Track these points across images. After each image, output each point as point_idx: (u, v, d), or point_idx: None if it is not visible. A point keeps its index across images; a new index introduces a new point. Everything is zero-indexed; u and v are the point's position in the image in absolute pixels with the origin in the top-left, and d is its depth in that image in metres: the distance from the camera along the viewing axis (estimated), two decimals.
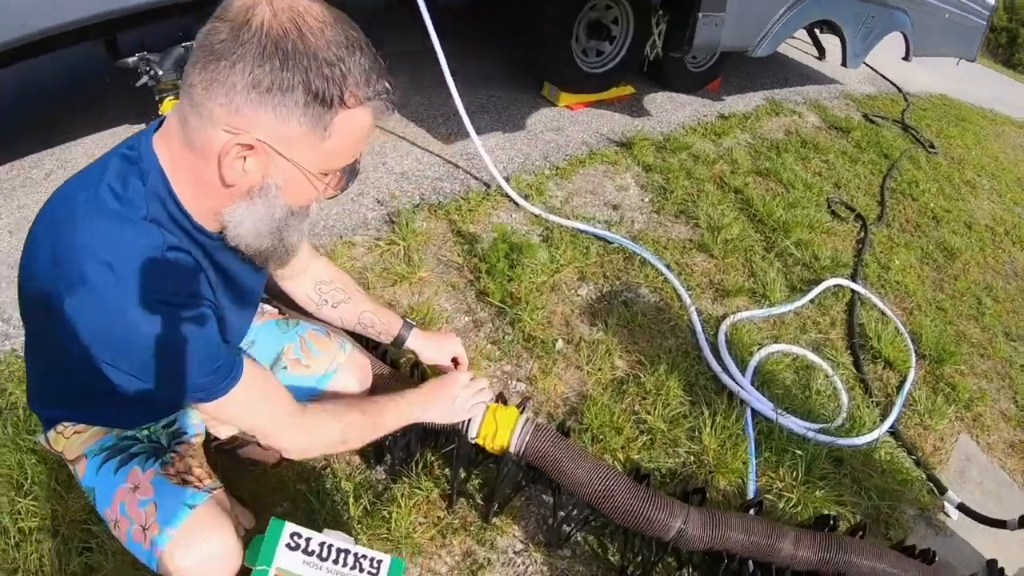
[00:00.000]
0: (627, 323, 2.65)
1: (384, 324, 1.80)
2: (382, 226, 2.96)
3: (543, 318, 2.57)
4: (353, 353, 1.73)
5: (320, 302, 1.75)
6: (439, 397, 1.63)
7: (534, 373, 2.38)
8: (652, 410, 2.34)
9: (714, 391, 2.50)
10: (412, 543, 1.83)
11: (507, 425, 1.80)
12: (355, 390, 1.71)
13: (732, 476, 2.23)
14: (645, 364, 2.49)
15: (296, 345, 1.68)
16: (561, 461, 1.81)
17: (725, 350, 2.64)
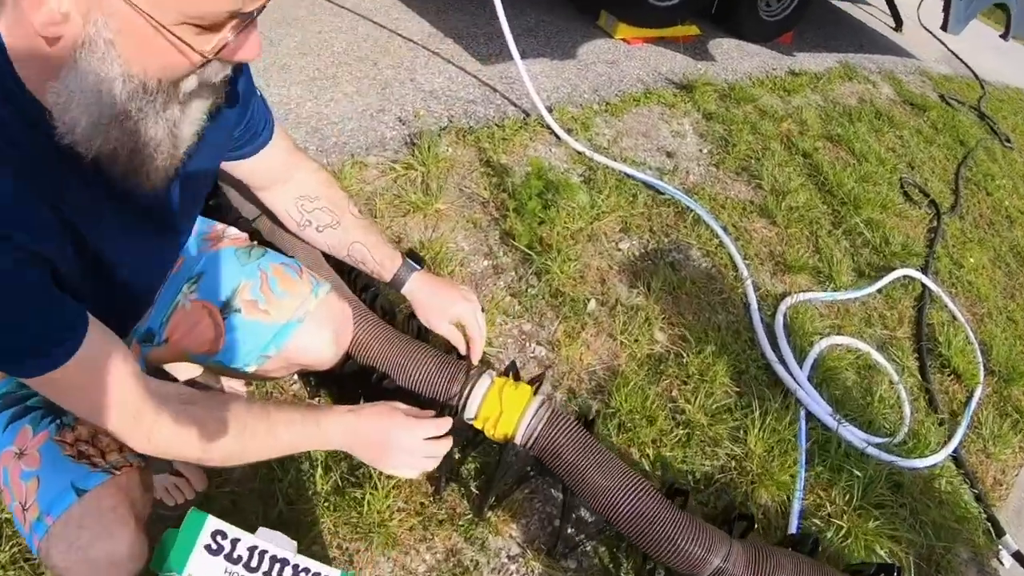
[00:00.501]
0: (672, 289, 2.17)
1: (378, 261, 1.33)
2: (401, 148, 2.47)
3: (575, 272, 2.10)
4: (329, 300, 1.25)
5: (302, 222, 1.29)
6: (369, 433, 1.14)
7: (558, 337, 1.92)
8: (693, 399, 1.89)
9: (765, 383, 2.04)
10: (386, 533, 1.41)
11: (515, 409, 1.34)
12: (323, 353, 1.25)
13: (776, 490, 1.80)
14: (690, 341, 2.02)
15: (255, 283, 1.21)
16: (580, 463, 1.36)
17: (783, 336, 2.17)
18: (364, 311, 1.47)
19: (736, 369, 1.98)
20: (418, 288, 1.36)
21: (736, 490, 1.76)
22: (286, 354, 1.21)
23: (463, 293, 1.39)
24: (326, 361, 1.26)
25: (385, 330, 1.44)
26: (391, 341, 1.42)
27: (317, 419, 1.10)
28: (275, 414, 1.04)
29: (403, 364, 1.39)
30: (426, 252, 2.05)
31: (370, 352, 1.42)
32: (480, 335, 1.40)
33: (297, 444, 1.07)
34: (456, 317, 1.38)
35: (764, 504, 1.78)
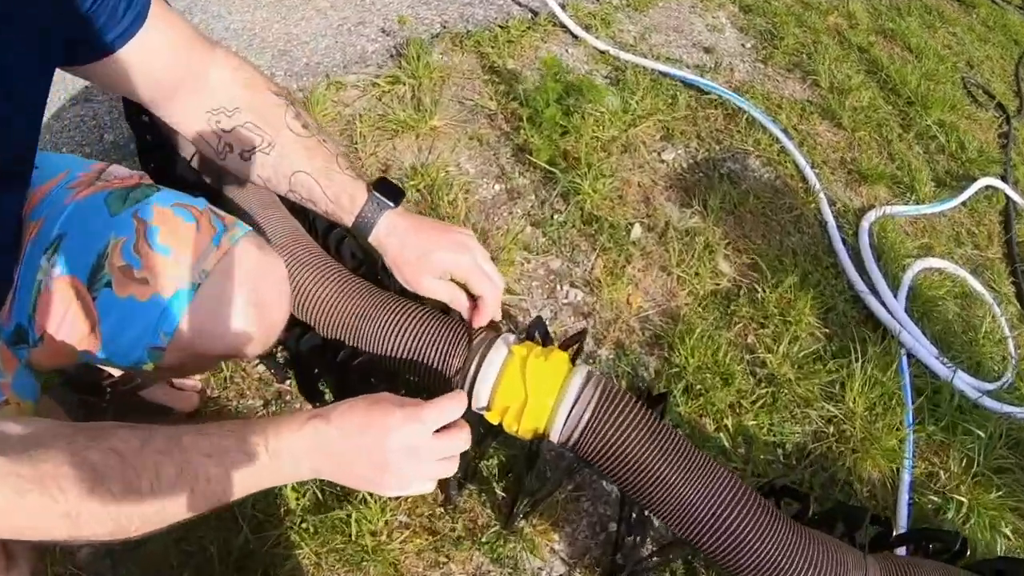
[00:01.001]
0: (734, 207, 1.66)
1: (332, 197, 0.85)
2: (385, 61, 1.94)
3: (612, 190, 1.60)
4: (241, 251, 0.78)
5: (220, 147, 0.85)
6: (351, 446, 0.70)
7: (596, 275, 1.44)
8: (775, 346, 1.43)
9: (856, 320, 1.58)
10: (385, 559, 0.97)
11: (547, 391, 0.86)
12: (236, 335, 0.77)
13: (882, 459, 1.35)
14: (763, 272, 1.52)
15: (128, 238, 0.74)
16: (651, 469, 0.90)
17: (871, 260, 1.69)
18: (323, 261, 0.99)
19: (822, 305, 1.51)
20: (390, 233, 0.87)
21: (836, 463, 1.31)
22: (183, 342, 0.74)
23: (456, 236, 0.89)
24: (247, 346, 0.78)
25: (352, 285, 0.97)
26: (358, 299, 0.95)
27: (262, 439, 0.64)
28: (192, 442, 0.61)
29: (376, 331, 0.92)
30: (420, 180, 1.56)
31: (334, 317, 0.95)
32: (491, 291, 0.89)
33: (235, 487, 0.63)
34: (444, 269, 0.88)
35: (869, 478, 1.34)
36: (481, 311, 0.91)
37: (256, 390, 1.17)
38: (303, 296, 0.95)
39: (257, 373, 1.18)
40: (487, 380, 0.88)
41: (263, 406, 1.14)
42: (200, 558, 0.96)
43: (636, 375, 1.27)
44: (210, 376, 1.16)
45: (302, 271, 0.96)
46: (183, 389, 1.13)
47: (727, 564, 0.90)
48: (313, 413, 0.69)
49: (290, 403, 1.14)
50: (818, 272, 1.58)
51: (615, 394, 0.91)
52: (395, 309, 0.93)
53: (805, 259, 1.60)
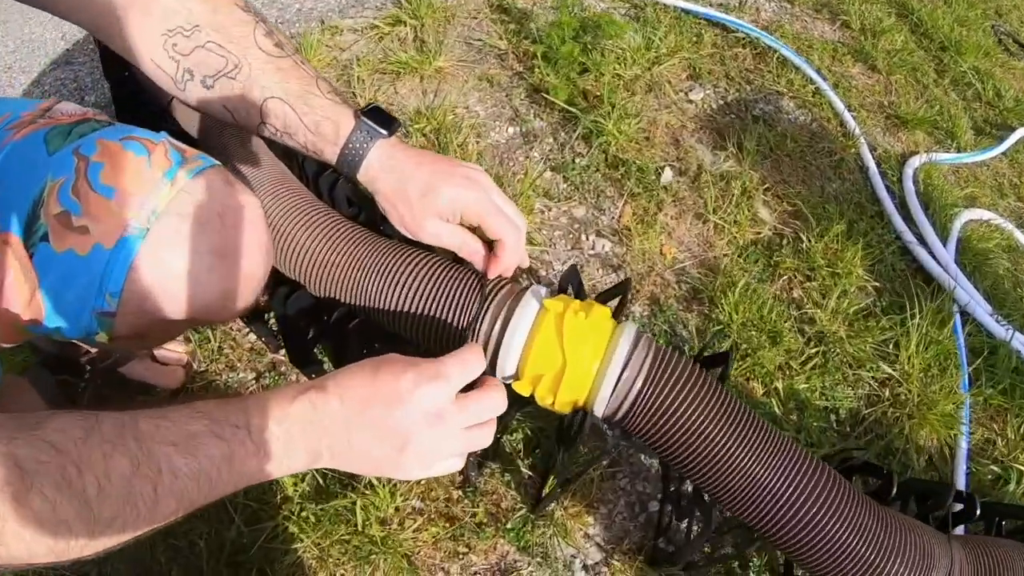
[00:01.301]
0: (770, 150, 1.47)
1: (311, 127, 0.66)
2: (384, 3, 1.73)
3: (638, 131, 1.41)
4: (207, 181, 0.60)
5: (179, 74, 0.66)
6: (357, 423, 0.53)
7: (625, 223, 1.25)
8: (823, 301, 1.27)
9: (905, 273, 1.41)
10: (398, 551, 0.81)
11: (591, 352, 0.68)
12: (196, 292, 0.59)
13: (939, 425, 1.20)
14: (806, 219, 1.34)
15: (67, 180, 0.56)
16: (719, 446, 0.75)
17: (919, 209, 1.52)
18: (312, 206, 0.81)
19: (870, 256, 1.34)
20: (384, 167, 0.68)
21: (892, 430, 1.16)
22: (133, 304, 0.57)
23: (464, 170, 0.70)
24: (215, 307, 0.61)
25: (346, 233, 0.79)
26: (353, 249, 0.76)
27: (242, 419, 0.48)
28: (152, 428, 0.45)
29: (375, 286, 0.74)
30: (426, 123, 1.37)
31: (326, 272, 0.77)
32: (513, 233, 0.70)
33: (211, 482, 0.47)
34: (453, 209, 0.69)
35: (926, 446, 1.19)
36: (500, 258, 0.72)
37: (248, 361, 1.00)
38: (289, 248, 0.76)
39: (248, 343, 1.01)
40: (515, 343, 0.70)
41: (255, 379, 0.97)
42: (189, 553, 0.80)
43: (674, 334, 1.10)
44: (197, 348, 0.99)
45: (287, 218, 0.77)
46: (167, 363, 0.95)
47: (800, 555, 0.75)
48: (307, 384, 0.53)
49: (286, 374, 0.97)
50: (863, 221, 1.41)
51: (670, 357, 0.74)
52: (399, 259, 0.75)
53: (847, 206, 1.42)
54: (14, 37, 1.57)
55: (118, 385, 0.93)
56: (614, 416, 0.73)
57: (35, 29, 1.58)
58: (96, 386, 0.91)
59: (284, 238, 0.77)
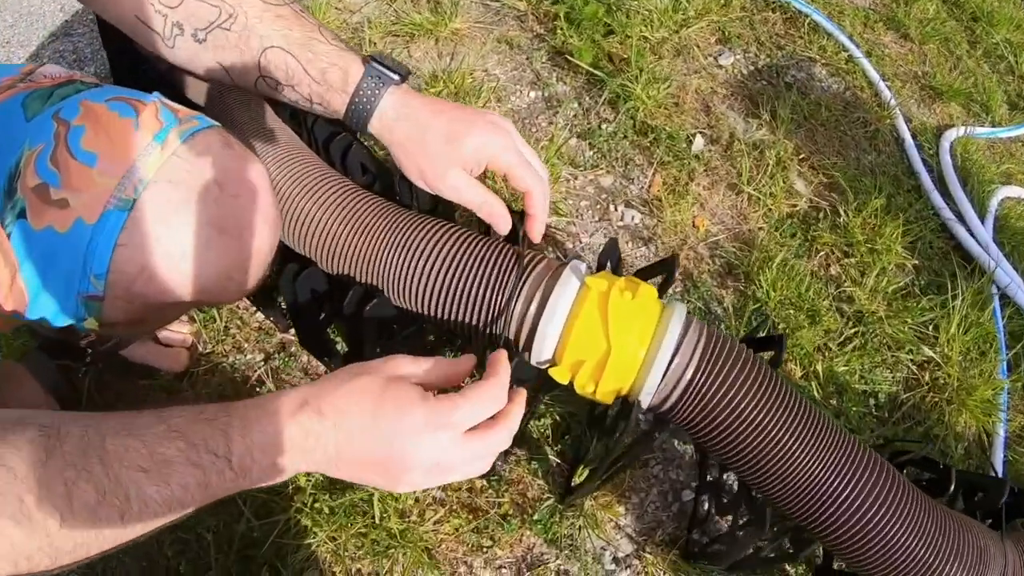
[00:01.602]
0: (804, 119, 1.37)
1: (316, 76, 0.56)
2: None
3: (667, 96, 1.30)
4: (202, 144, 0.50)
5: (167, 30, 0.57)
6: (358, 443, 0.45)
7: (655, 193, 1.15)
8: (861, 278, 1.18)
9: (943, 251, 1.32)
10: (418, 545, 0.74)
11: (638, 336, 0.59)
12: (194, 270, 0.50)
13: (978, 411, 1.12)
14: (844, 192, 1.24)
15: (46, 147, 0.48)
16: (772, 437, 0.65)
17: (957, 185, 1.43)
18: (323, 174, 0.71)
19: (909, 232, 1.25)
20: (400, 115, 0.59)
21: (930, 416, 1.08)
22: (121, 287, 0.48)
23: (487, 115, 0.62)
24: (215, 288, 0.52)
25: (361, 203, 0.70)
26: (369, 220, 0.67)
27: (222, 442, 0.42)
28: (120, 450, 0.39)
29: (393, 261, 0.65)
30: (443, 87, 1.26)
31: (338, 245, 0.68)
32: (540, 187, 0.62)
33: (186, 507, 0.41)
34: (478, 159, 0.61)
35: (964, 433, 1.11)
36: (533, 215, 0.63)
37: (256, 342, 0.91)
38: (299, 220, 0.67)
39: (256, 322, 0.92)
40: (553, 325, 0.62)
41: (264, 360, 0.89)
42: (197, 547, 0.73)
43: (708, 311, 1.01)
44: (201, 328, 0.90)
45: (296, 187, 0.68)
46: (170, 345, 0.87)
47: (854, 555, 0.67)
48: (300, 399, 0.44)
49: (296, 355, 0.89)
50: (901, 195, 1.31)
51: (723, 342, 0.65)
52: (421, 231, 0.65)
53: (883, 179, 1.33)
54: (12, 11, 1.47)
55: (120, 369, 0.85)
56: (660, 407, 0.65)
57: (33, 1, 1.48)
58: (97, 371, 0.83)
59: (293, 209, 0.67)
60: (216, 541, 0.71)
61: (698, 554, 0.81)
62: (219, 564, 0.71)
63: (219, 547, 0.71)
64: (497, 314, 0.64)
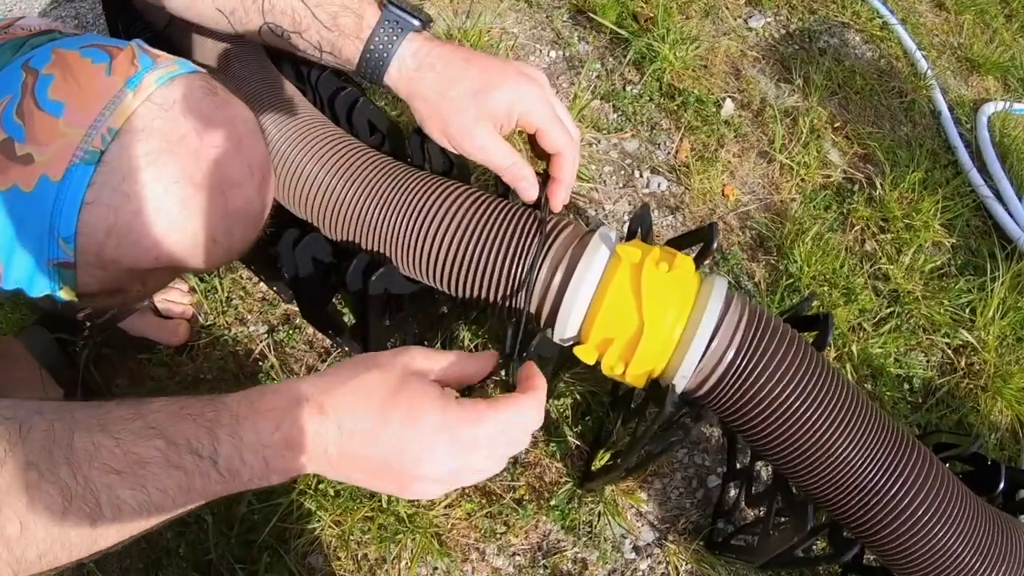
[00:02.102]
0: (839, 86, 1.27)
1: (327, 22, 0.46)
2: None
3: (695, 58, 1.20)
4: (180, 89, 0.42)
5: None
6: (364, 450, 0.37)
7: (683, 160, 1.05)
8: (897, 256, 1.10)
9: (979, 230, 1.24)
10: (428, 531, 0.67)
11: (674, 313, 0.50)
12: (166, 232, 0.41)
13: (1014, 400, 1.05)
14: (881, 163, 1.14)
15: (12, 99, 0.40)
16: (816, 428, 0.55)
17: (995, 161, 1.34)
18: (324, 130, 0.62)
19: (948, 209, 1.16)
20: (422, 64, 0.50)
21: (965, 403, 1.01)
22: (92, 252, 0.41)
23: (517, 64, 0.53)
24: (191, 253, 0.44)
25: (367, 162, 0.60)
26: (375, 180, 0.58)
27: (208, 442, 0.35)
28: (90, 449, 0.33)
29: (401, 227, 0.57)
30: None
31: (342, 209, 0.59)
32: (572, 146, 0.54)
33: (164, 513, 0.35)
34: (509, 113, 0.51)
35: (997, 422, 1.04)
36: (561, 179, 0.55)
37: (259, 313, 0.83)
38: (298, 181, 0.59)
39: (260, 292, 0.85)
40: (580, 298, 0.53)
41: (268, 332, 0.81)
42: (197, 530, 0.66)
43: (739, 286, 0.93)
44: (203, 298, 0.82)
45: (295, 145, 0.59)
46: (170, 317, 0.80)
47: (895, 556, 0.60)
48: (299, 394, 0.37)
49: (301, 328, 0.81)
50: (938, 170, 1.22)
51: (766, 322, 0.57)
52: (433, 193, 0.57)
53: (920, 153, 1.23)
54: None
55: (119, 343, 0.78)
56: (696, 391, 0.57)
57: None
58: (95, 344, 0.76)
59: (292, 169, 0.59)
60: (216, 523, 0.64)
61: (723, 545, 0.74)
62: (219, 548, 0.64)
63: (220, 531, 0.64)
64: (517, 286, 0.56)
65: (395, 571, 0.66)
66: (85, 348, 0.76)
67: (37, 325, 0.75)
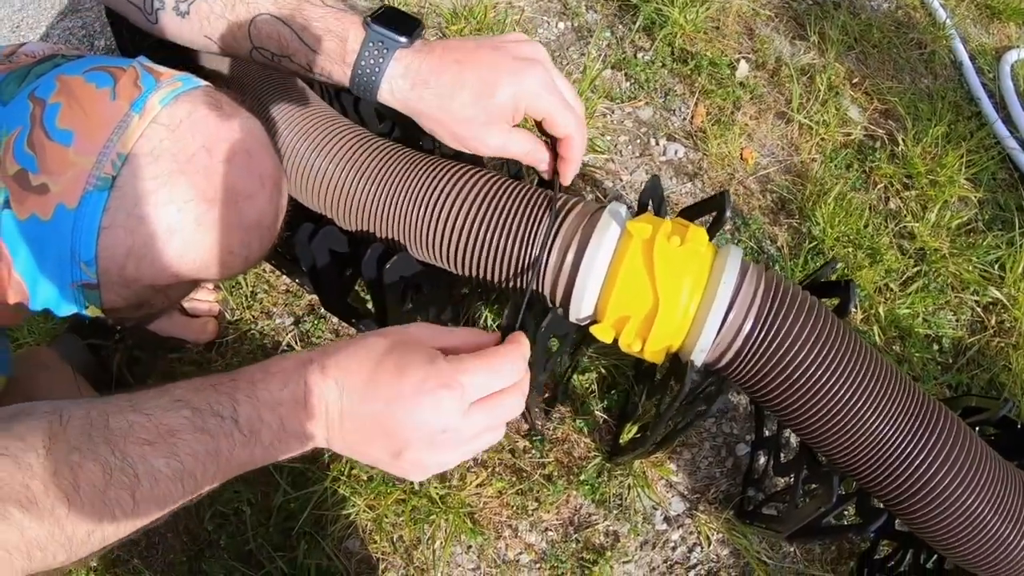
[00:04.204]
0: (856, 41, 1.22)
1: (311, 43, 0.45)
2: None
3: (706, 20, 1.16)
4: (185, 107, 0.41)
5: (148, 3, 0.49)
6: (359, 407, 0.39)
7: (699, 125, 1.03)
8: (922, 213, 1.07)
9: (1006, 183, 1.21)
10: (459, 511, 0.68)
11: (690, 287, 0.48)
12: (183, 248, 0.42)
13: None
14: (902, 118, 1.10)
15: (22, 130, 0.40)
16: (840, 398, 0.54)
17: (1020, 112, 1.30)
18: (333, 123, 0.61)
19: (973, 163, 1.13)
20: (415, 83, 0.48)
21: (996, 362, 0.99)
22: (114, 272, 0.42)
23: (512, 48, 0.50)
24: (209, 266, 0.44)
25: (376, 151, 0.59)
26: (385, 169, 0.56)
27: (229, 406, 0.38)
28: (124, 425, 0.36)
29: (411, 213, 0.55)
30: (465, 24, 1.13)
31: (354, 199, 0.58)
32: (578, 125, 0.51)
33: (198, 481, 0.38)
34: (516, 105, 0.49)
35: None
36: (568, 159, 0.53)
37: (284, 305, 0.82)
38: (310, 176, 0.57)
39: (284, 285, 0.84)
40: (593, 277, 0.52)
41: (295, 323, 0.80)
42: (236, 521, 0.67)
43: (762, 251, 0.91)
44: (228, 295, 0.82)
45: (304, 141, 0.58)
46: (197, 315, 0.81)
47: (923, 524, 0.59)
48: (306, 358, 0.40)
49: (327, 317, 0.80)
50: (961, 123, 1.18)
51: (784, 290, 0.55)
52: (440, 178, 0.55)
53: (942, 105, 1.20)
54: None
55: (150, 344, 0.79)
56: (716, 363, 0.56)
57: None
58: (127, 347, 0.78)
59: (303, 166, 0.58)
60: (254, 513, 0.65)
61: (754, 513, 0.74)
62: (258, 537, 0.65)
63: (258, 520, 0.65)
64: (527, 268, 0.55)
65: (430, 551, 0.67)
66: (117, 351, 0.78)
67: (69, 333, 0.77)
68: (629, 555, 0.71)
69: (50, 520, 0.33)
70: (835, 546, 0.75)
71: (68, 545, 0.34)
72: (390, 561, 0.67)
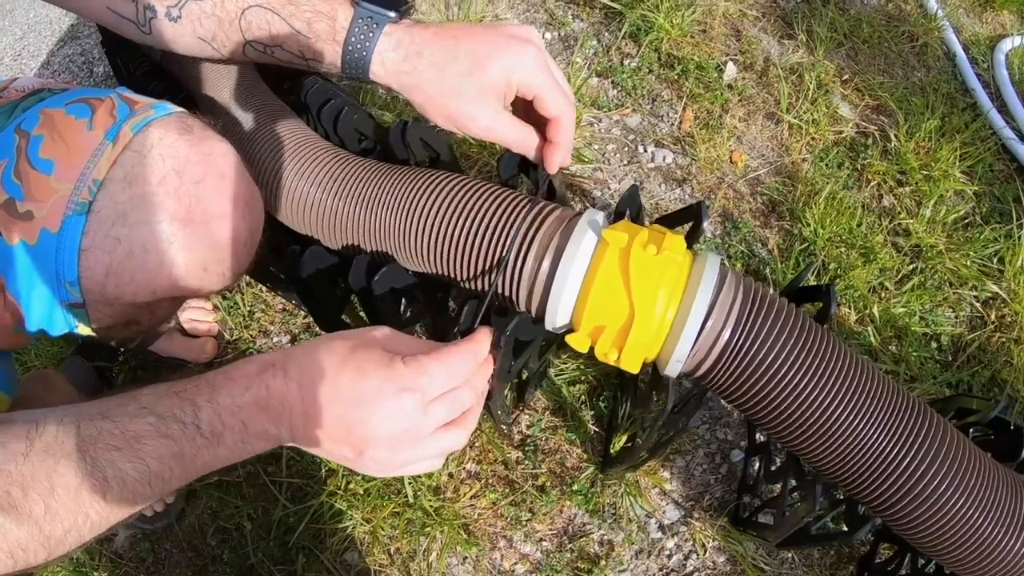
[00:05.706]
0: (845, 37, 1.22)
1: (303, 28, 0.48)
2: None
3: (692, 23, 1.17)
4: (156, 134, 0.43)
5: (140, 15, 0.52)
6: (319, 407, 0.41)
7: (687, 129, 1.03)
8: (917, 209, 1.07)
9: (1003, 175, 1.20)
10: (454, 523, 0.69)
11: (666, 295, 0.49)
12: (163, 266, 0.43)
13: None
14: (894, 113, 1.10)
15: (8, 163, 0.44)
16: (821, 406, 0.53)
17: (1016, 101, 1.29)
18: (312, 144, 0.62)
19: (968, 156, 1.13)
20: (407, 55, 0.50)
21: (997, 358, 0.98)
22: (96, 292, 0.44)
23: (506, 28, 0.51)
24: (188, 284, 0.46)
25: (354, 169, 0.59)
26: (363, 185, 0.58)
27: (190, 411, 0.40)
28: (93, 432, 0.39)
29: (391, 224, 0.56)
30: None
31: (336, 218, 0.59)
32: (568, 109, 0.52)
33: (163, 482, 0.40)
34: (508, 81, 0.50)
35: None
36: (558, 143, 0.53)
37: (281, 324, 0.84)
38: (293, 200, 0.59)
39: (281, 304, 0.86)
40: (568, 286, 0.52)
41: (291, 342, 0.82)
42: (238, 536, 0.69)
43: (752, 255, 0.92)
44: (226, 316, 0.84)
45: (282, 163, 0.59)
46: (196, 336, 0.84)
47: (913, 531, 0.59)
48: (268, 361, 0.42)
49: (322, 335, 0.84)
50: (955, 115, 1.18)
51: (763, 298, 0.55)
52: (416, 186, 0.56)
53: (935, 98, 1.19)
54: (20, 24, 1.43)
55: (152, 365, 0.82)
56: (694, 372, 0.57)
57: (40, 11, 1.43)
58: (131, 368, 0.81)
59: (283, 188, 0.60)
60: (255, 528, 0.67)
61: (749, 520, 0.74)
62: (258, 551, 0.66)
63: (258, 534, 0.66)
64: (490, 267, 0.56)
65: (426, 563, 0.68)
66: (121, 373, 0.80)
67: (75, 356, 0.80)
68: (624, 564, 0.71)
69: (29, 523, 0.36)
70: (834, 551, 0.75)
71: (47, 544, 0.37)
72: (387, 573, 0.68)
